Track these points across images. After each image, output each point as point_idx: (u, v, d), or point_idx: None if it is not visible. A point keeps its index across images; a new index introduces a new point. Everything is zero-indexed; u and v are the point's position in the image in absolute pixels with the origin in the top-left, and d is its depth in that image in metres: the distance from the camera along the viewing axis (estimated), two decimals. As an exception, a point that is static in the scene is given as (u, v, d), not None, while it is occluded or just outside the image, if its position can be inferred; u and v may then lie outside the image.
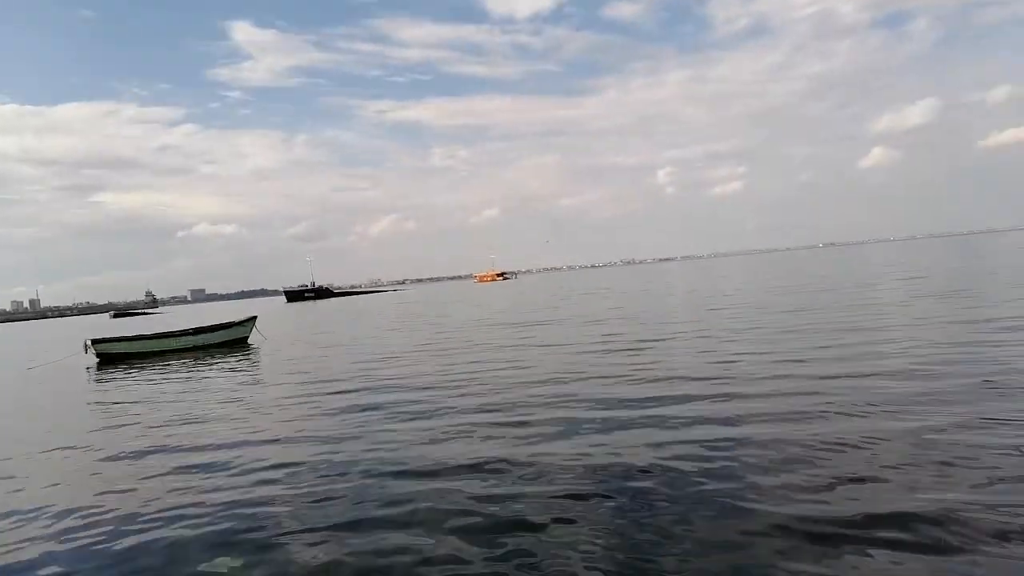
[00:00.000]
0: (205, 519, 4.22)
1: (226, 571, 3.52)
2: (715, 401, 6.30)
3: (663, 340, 11.36)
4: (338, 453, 5.53)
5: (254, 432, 6.72)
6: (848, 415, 5.36)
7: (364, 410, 7.34)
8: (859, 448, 4.51)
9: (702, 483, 4.10)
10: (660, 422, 5.65)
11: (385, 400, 7.81)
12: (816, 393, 6.23)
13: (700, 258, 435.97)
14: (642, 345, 10.84)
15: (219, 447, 6.16)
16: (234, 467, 5.39)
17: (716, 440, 4.95)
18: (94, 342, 18.74)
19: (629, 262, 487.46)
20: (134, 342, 19.71)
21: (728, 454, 4.62)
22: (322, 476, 4.92)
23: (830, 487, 3.86)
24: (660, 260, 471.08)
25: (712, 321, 14.01)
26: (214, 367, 13.76)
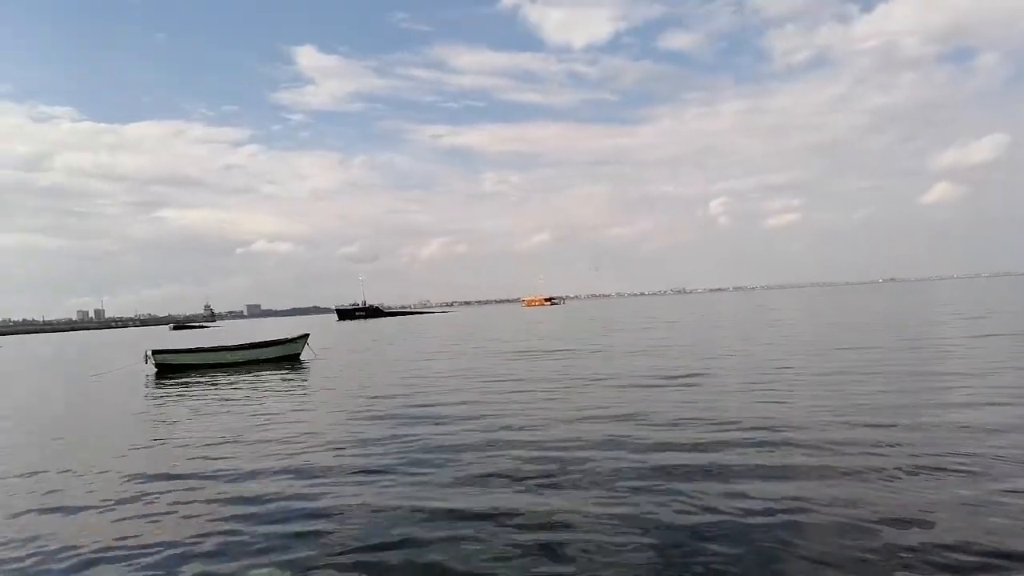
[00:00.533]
0: (230, 546, 4.26)
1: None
2: (762, 451, 5.93)
3: (712, 376, 11.04)
4: (367, 487, 5.41)
5: (288, 457, 6.66)
6: (910, 474, 4.93)
7: (402, 441, 7.23)
8: (923, 514, 4.18)
9: (740, 543, 3.88)
10: (702, 472, 5.34)
11: (424, 431, 7.63)
12: (870, 445, 5.86)
13: (752, 289, 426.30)
14: (690, 381, 10.56)
15: (252, 474, 6.13)
16: (261, 496, 5.34)
17: (759, 496, 4.63)
18: (154, 353, 19.47)
19: (680, 291, 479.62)
20: (192, 354, 20.40)
21: (773, 507, 4.36)
22: (347, 513, 4.77)
23: (886, 561, 3.57)
24: (711, 290, 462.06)
25: (765, 357, 13.58)
26: (265, 383, 14.07)
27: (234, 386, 13.85)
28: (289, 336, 22.15)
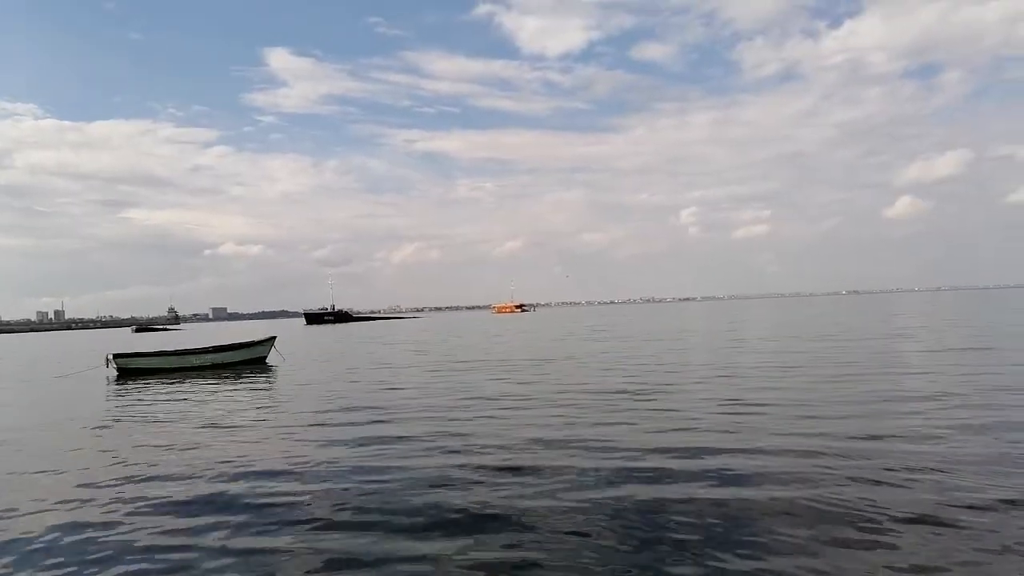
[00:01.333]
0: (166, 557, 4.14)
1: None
2: (723, 481, 5.46)
3: (679, 388, 11.12)
4: (306, 522, 4.84)
5: (227, 482, 6.07)
6: (870, 522, 4.73)
7: (359, 446, 7.04)
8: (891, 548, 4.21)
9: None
10: (661, 502, 4.88)
11: (382, 450, 7.03)
12: (837, 474, 5.88)
13: (721, 299, 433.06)
14: (657, 392, 10.61)
15: (182, 504, 5.45)
16: (202, 503, 5.19)
17: (723, 538, 4.46)
18: (115, 356, 18.99)
19: (649, 300, 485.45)
20: (154, 358, 19.94)
21: (735, 548, 4.26)
22: (296, 524, 4.59)
23: None
24: (681, 300, 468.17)
25: (734, 368, 13.77)
26: (229, 387, 13.78)
27: (195, 392, 13.51)
28: (255, 339, 21.81)
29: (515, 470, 5.99)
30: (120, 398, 13.14)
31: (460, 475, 5.90)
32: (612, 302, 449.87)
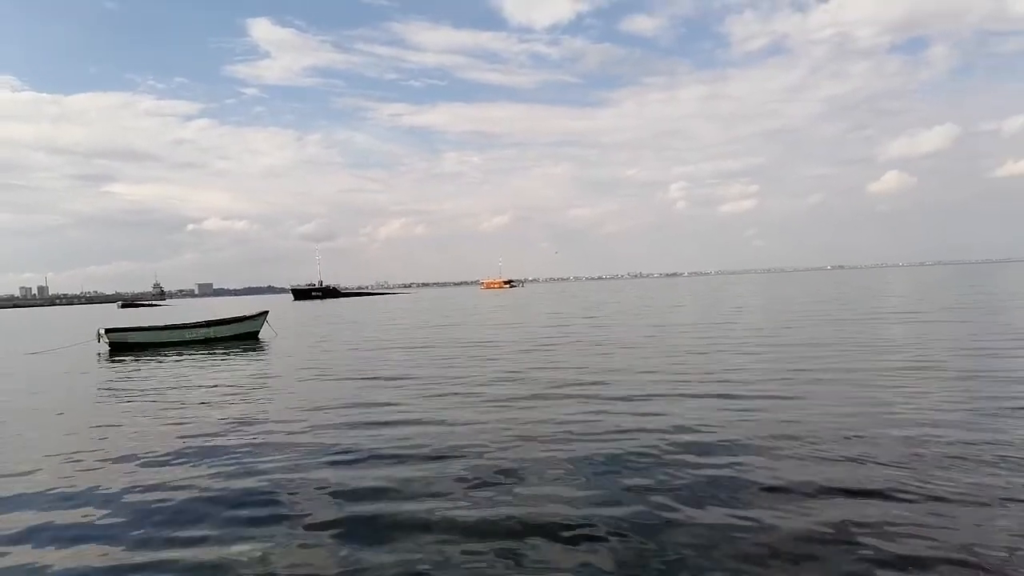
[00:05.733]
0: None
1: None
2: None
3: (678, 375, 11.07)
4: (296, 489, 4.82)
5: (224, 455, 5.95)
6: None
7: (340, 431, 6.62)
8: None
9: None
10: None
11: (359, 438, 6.24)
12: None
13: (707, 274, 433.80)
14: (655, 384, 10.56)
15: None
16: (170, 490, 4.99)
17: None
18: (108, 331, 18.97)
19: (636, 275, 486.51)
20: (147, 332, 19.96)
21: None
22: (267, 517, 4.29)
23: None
24: (667, 275, 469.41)
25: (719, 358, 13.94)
26: (222, 362, 13.88)
27: (189, 365, 13.64)
28: (248, 314, 21.83)
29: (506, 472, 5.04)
30: (115, 372, 13.19)
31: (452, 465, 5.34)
32: (600, 277, 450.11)
